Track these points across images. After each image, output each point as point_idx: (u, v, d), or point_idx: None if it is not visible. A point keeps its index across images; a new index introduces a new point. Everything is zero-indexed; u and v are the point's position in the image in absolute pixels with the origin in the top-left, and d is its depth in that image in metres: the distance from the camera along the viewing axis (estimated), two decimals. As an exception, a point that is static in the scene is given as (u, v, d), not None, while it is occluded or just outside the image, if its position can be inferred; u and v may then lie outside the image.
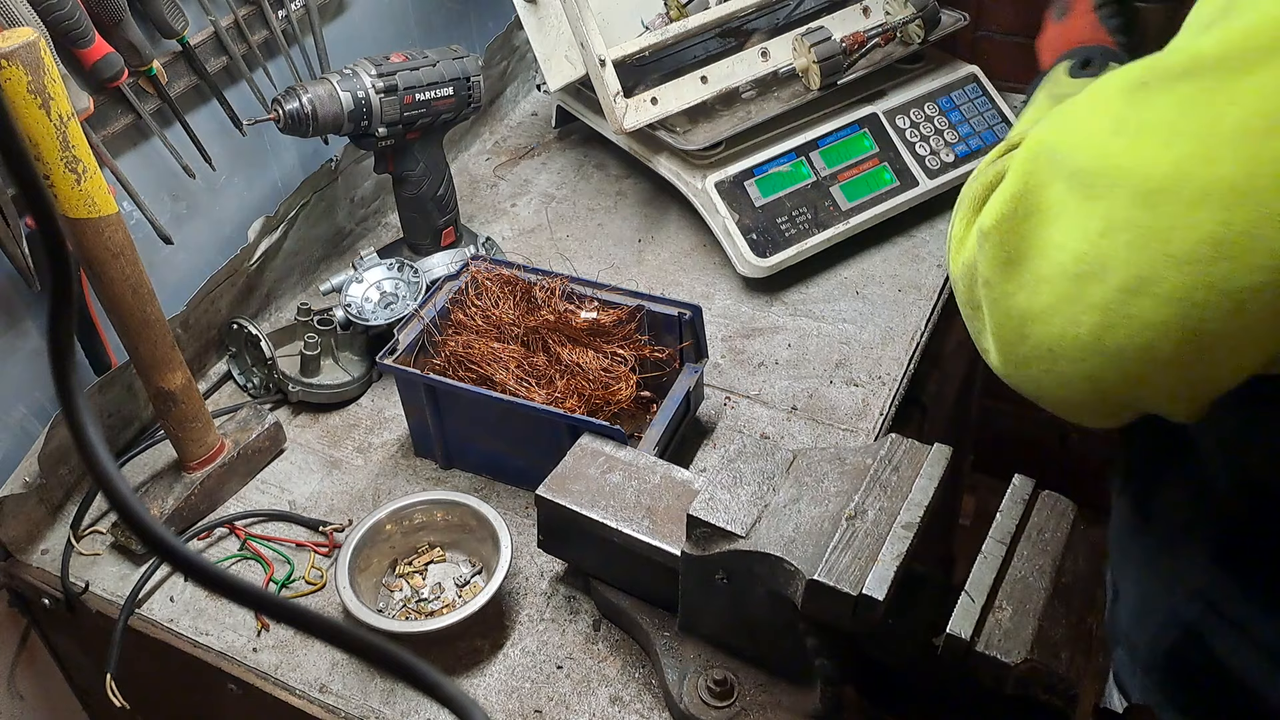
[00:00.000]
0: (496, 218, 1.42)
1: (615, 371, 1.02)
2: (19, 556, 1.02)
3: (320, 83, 1.08)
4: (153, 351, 0.95)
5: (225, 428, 1.08)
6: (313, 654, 0.93)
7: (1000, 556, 0.76)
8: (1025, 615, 0.72)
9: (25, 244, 0.96)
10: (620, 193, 1.44)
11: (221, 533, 1.03)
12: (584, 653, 0.91)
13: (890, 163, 1.30)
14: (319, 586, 0.98)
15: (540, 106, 1.63)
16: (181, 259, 1.17)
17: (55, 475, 1.04)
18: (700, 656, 0.86)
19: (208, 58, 1.12)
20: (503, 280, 1.09)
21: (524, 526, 1.00)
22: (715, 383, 1.15)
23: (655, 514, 0.87)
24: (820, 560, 0.74)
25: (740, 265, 1.24)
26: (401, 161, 1.18)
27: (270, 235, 1.21)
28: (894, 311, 1.22)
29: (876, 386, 1.13)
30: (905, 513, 0.77)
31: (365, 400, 1.17)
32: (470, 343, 1.04)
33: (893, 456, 0.82)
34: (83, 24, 0.95)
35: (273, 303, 1.27)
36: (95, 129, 1.01)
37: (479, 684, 0.89)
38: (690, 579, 0.83)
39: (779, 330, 1.21)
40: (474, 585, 0.96)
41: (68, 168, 0.82)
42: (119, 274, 0.90)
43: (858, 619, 0.73)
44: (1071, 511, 0.80)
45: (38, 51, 0.78)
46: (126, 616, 0.95)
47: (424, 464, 1.09)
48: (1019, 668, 0.70)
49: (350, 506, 1.05)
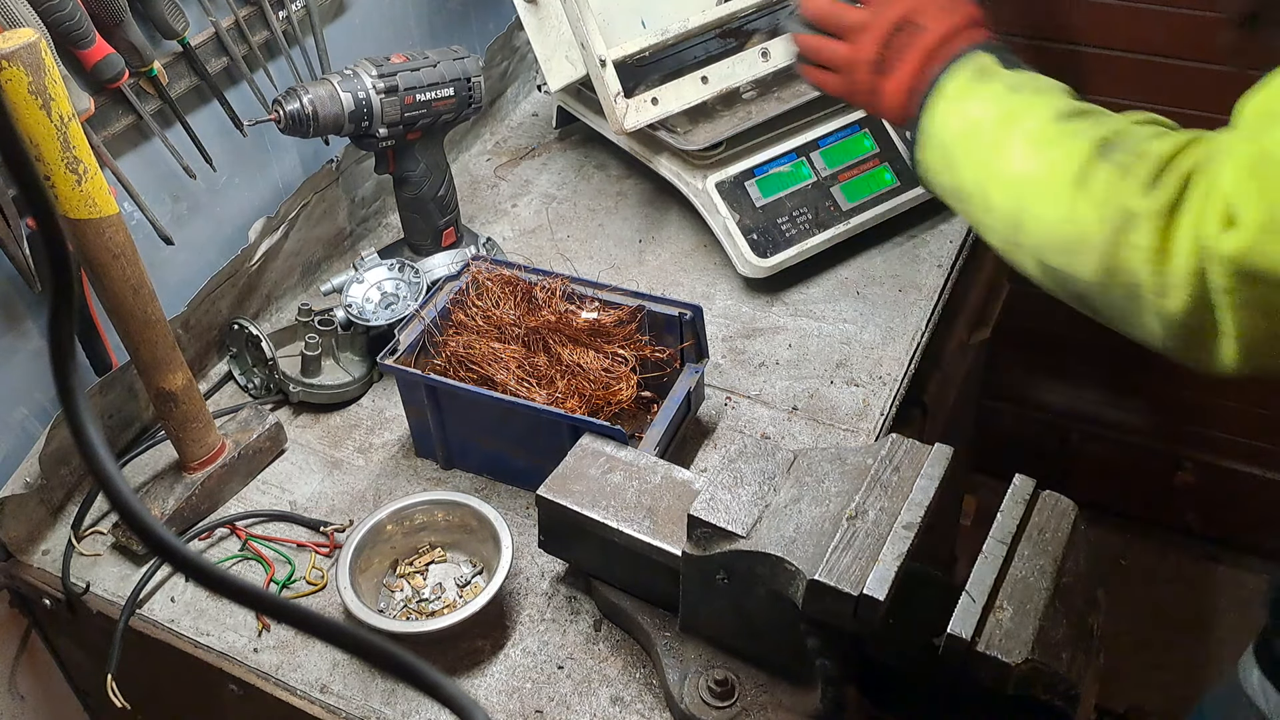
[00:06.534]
0: (497, 218, 1.42)
1: (616, 372, 1.02)
2: (20, 557, 1.02)
3: (321, 83, 1.08)
4: (154, 352, 0.95)
5: (226, 428, 1.08)
6: (313, 654, 0.93)
7: (1001, 556, 0.76)
8: (1026, 615, 0.72)
9: (26, 245, 0.96)
10: (621, 193, 1.44)
11: (222, 533, 1.03)
12: (585, 653, 0.91)
13: (891, 163, 1.30)
14: (320, 587, 0.98)
15: (541, 107, 1.63)
16: (182, 259, 1.17)
17: (56, 476, 1.04)
18: (701, 657, 0.86)
19: (208, 58, 1.12)
20: (503, 281, 1.09)
21: (525, 527, 1.00)
22: (716, 383, 1.15)
23: (656, 514, 0.87)
24: (821, 560, 0.74)
25: (741, 265, 1.24)
26: (402, 162, 1.18)
27: (271, 236, 1.21)
28: (894, 311, 1.22)
29: (877, 386, 1.13)
30: (906, 513, 0.77)
31: (366, 401, 1.17)
32: (471, 343, 1.04)
33: (893, 456, 0.82)
34: (83, 25, 0.95)
35: (273, 303, 1.27)
36: (96, 130, 1.01)
37: (480, 684, 0.89)
38: (691, 579, 0.83)
39: (780, 330, 1.21)
40: (475, 585, 0.96)
41: (68, 168, 0.82)
42: (120, 275, 0.90)
43: (858, 619, 0.73)
44: (1072, 511, 0.80)
45: (38, 52, 0.78)
46: (127, 617, 0.95)
47: (425, 464, 1.09)
48: (1020, 668, 0.70)
49: (351, 507, 1.05)
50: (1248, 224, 0.63)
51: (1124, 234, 0.70)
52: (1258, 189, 0.62)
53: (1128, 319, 0.73)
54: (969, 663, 0.71)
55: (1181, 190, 0.68)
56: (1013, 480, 0.81)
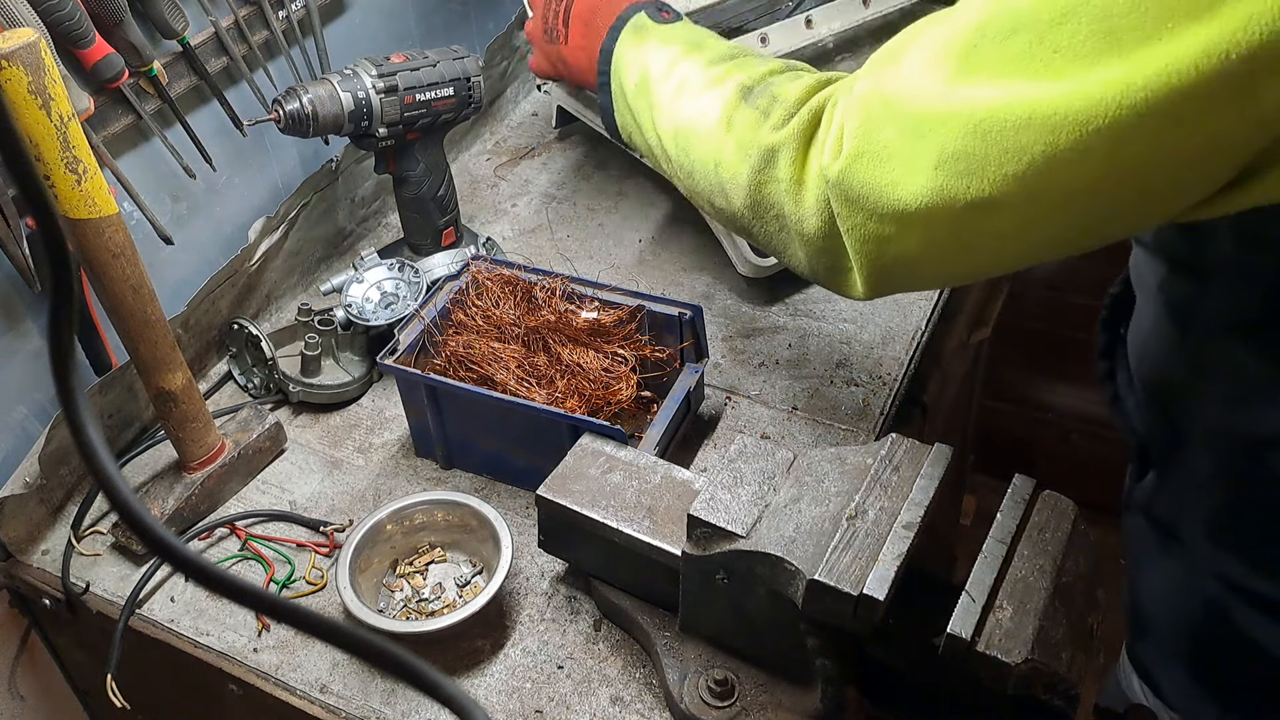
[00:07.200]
0: (497, 218, 1.42)
1: (616, 371, 1.02)
2: (20, 557, 1.02)
3: (320, 83, 1.08)
4: (153, 352, 0.95)
5: (226, 428, 1.08)
6: (313, 654, 0.93)
7: (1001, 556, 0.76)
8: (1026, 615, 0.72)
9: (26, 244, 0.96)
10: (621, 193, 1.44)
11: (222, 533, 1.03)
12: (584, 653, 0.91)
13: (890, 163, 1.30)
14: (319, 587, 0.98)
15: (540, 107, 1.63)
16: (182, 259, 1.17)
17: (56, 476, 1.04)
18: (701, 656, 0.86)
19: (208, 58, 1.12)
20: (503, 280, 1.09)
21: (524, 526, 1.00)
22: (716, 383, 1.15)
23: (656, 514, 0.87)
24: (821, 560, 0.74)
25: (741, 265, 1.24)
26: (402, 162, 1.18)
27: (271, 236, 1.21)
28: (894, 311, 1.22)
29: (877, 386, 1.13)
30: (906, 513, 0.77)
31: (366, 400, 1.17)
32: (471, 343, 1.04)
33: (893, 456, 0.82)
34: (83, 24, 0.95)
35: (273, 303, 1.27)
36: (96, 129, 1.01)
37: (479, 684, 0.89)
38: (691, 579, 0.83)
39: (779, 330, 1.21)
40: (474, 585, 0.96)
41: (68, 168, 0.82)
42: (119, 274, 0.90)
43: (858, 619, 0.73)
44: (1072, 511, 0.80)
45: (38, 52, 0.78)
46: (127, 617, 0.95)
47: (424, 464, 1.09)
48: (1020, 668, 0.70)
49: (351, 507, 1.05)
50: (847, 151, 0.67)
51: (766, 169, 0.76)
52: (861, 118, 0.67)
53: (783, 250, 0.80)
54: (969, 663, 0.71)
55: (815, 125, 0.73)
56: (1013, 480, 0.81)
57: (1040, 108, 0.56)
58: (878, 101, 0.66)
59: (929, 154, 0.62)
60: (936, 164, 0.62)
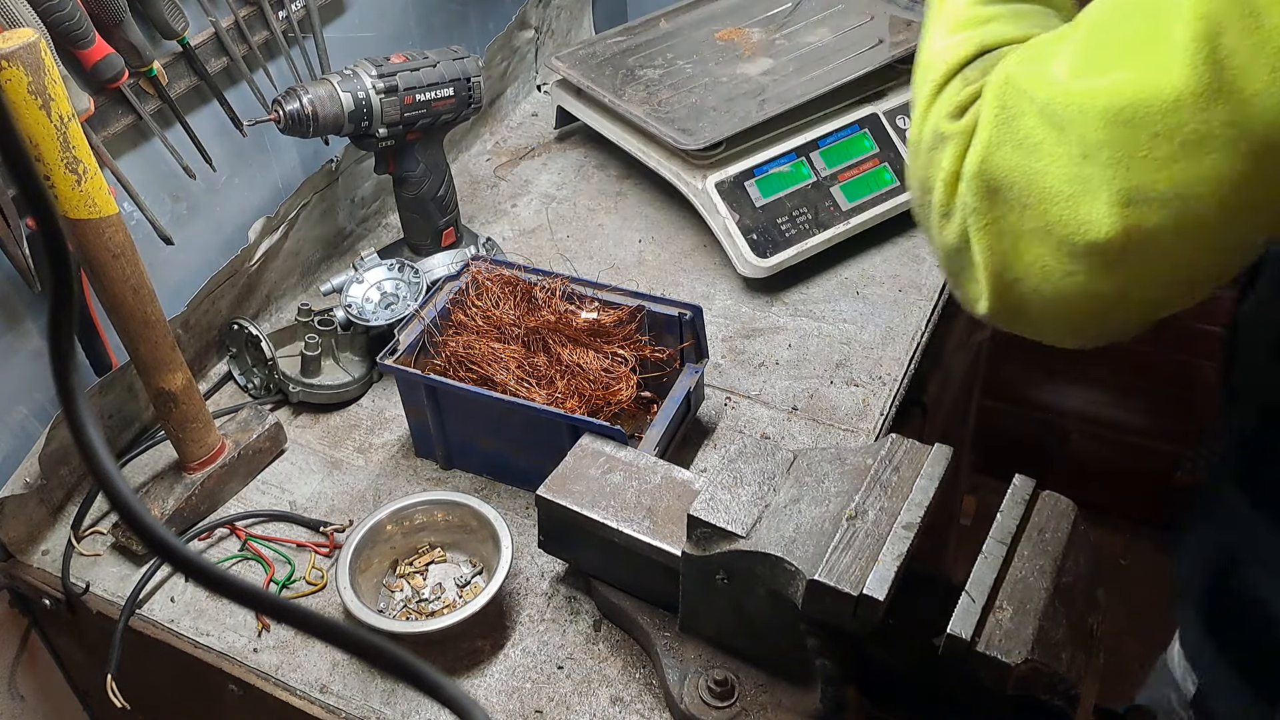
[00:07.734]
0: (497, 218, 1.42)
1: (616, 372, 1.02)
2: (20, 557, 1.02)
3: (320, 83, 1.08)
4: (153, 352, 0.95)
5: (226, 428, 1.08)
6: (313, 654, 0.93)
7: (1001, 556, 0.76)
8: (1026, 615, 0.72)
9: (26, 244, 0.96)
10: (620, 193, 1.44)
11: (222, 533, 1.03)
12: (584, 653, 0.91)
13: (890, 163, 1.30)
14: (319, 587, 0.98)
15: (540, 107, 1.63)
16: (182, 259, 1.17)
17: (56, 476, 1.04)
18: (701, 657, 0.86)
19: (208, 58, 1.12)
20: (503, 281, 1.09)
21: (524, 527, 1.00)
22: (716, 383, 1.15)
23: (656, 514, 0.87)
24: (821, 560, 0.74)
25: (740, 265, 1.24)
26: (402, 162, 1.18)
27: (271, 236, 1.21)
28: (894, 311, 1.22)
29: (877, 386, 1.13)
30: (906, 513, 0.77)
31: (366, 401, 1.17)
32: (471, 343, 1.04)
33: (893, 456, 0.82)
34: (83, 25, 0.95)
35: (273, 303, 1.27)
36: (96, 130, 1.01)
37: (479, 684, 0.89)
38: (691, 579, 0.83)
39: (779, 330, 1.21)
40: (474, 586, 0.96)
41: (68, 168, 0.82)
42: (119, 274, 0.90)
43: (858, 619, 0.73)
44: (1072, 511, 0.80)
45: (38, 52, 0.78)
46: (127, 617, 0.95)
47: (424, 464, 1.09)
48: (1020, 668, 0.70)
49: (351, 507, 1.05)
50: (982, 139, 0.63)
51: (935, 151, 0.70)
52: (997, 104, 0.63)
53: (931, 239, 0.73)
54: (969, 663, 0.71)
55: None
56: (1013, 480, 0.81)
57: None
58: (1013, 88, 0.62)
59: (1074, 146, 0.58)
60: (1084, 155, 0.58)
